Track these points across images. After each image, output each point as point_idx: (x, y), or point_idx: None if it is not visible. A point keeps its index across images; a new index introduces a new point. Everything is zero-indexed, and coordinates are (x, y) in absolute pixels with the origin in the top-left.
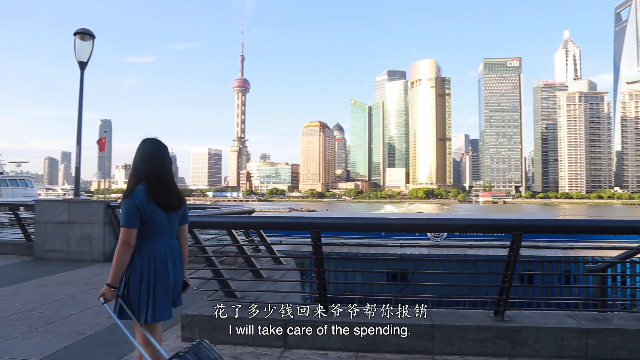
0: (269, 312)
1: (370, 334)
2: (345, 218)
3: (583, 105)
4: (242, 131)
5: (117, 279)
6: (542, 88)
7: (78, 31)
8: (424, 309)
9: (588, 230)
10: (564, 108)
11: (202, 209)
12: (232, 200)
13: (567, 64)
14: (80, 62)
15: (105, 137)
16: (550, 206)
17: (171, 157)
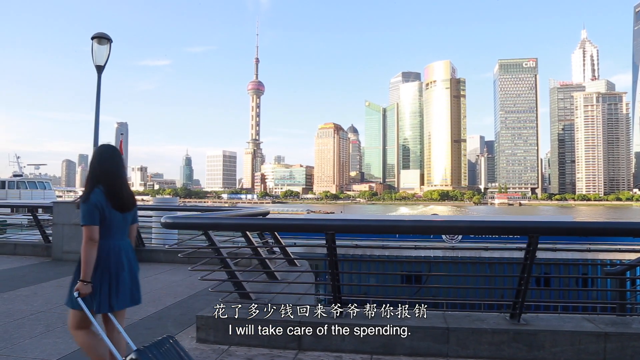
0: (283, 313)
1: (385, 336)
2: (359, 220)
3: (601, 106)
4: (256, 133)
5: (89, 274)
6: (559, 89)
7: (95, 35)
8: (438, 312)
9: (606, 233)
10: (581, 109)
11: (217, 210)
12: (247, 202)
13: (585, 64)
14: (97, 66)
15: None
16: (567, 208)
17: (123, 161)
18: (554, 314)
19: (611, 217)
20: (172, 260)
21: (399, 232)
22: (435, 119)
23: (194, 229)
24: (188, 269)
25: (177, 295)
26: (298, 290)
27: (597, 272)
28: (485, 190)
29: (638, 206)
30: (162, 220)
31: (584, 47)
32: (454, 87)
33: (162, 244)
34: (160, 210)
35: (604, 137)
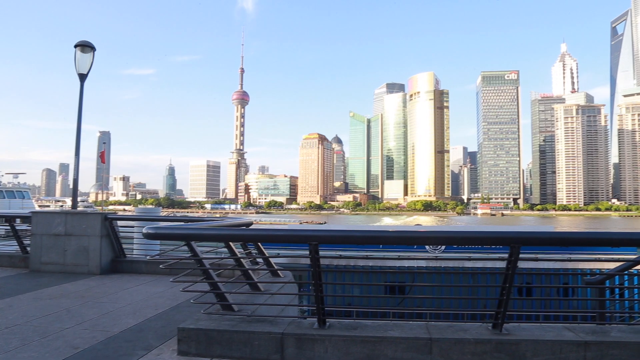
0: (266, 325)
1: (369, 348)
2: (343, 230)
3: (580, 118)
4: (241, 143)
5: None
6: (540, 101)
7: (79, 43)
8: (422, 322)
9: (586, 243)
10: (561, 120)
11: (200, 221)
12: (231, 212)
13: (565, 76)
14: (80, 74)
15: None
16: (548, 218)
17: None
18: (536, 323)
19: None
20: (153, 272)
21: (383, 242)
22: (419, 130)
23: (177, 240)
24: (170, 280)
25: (158, 307)
26: (281, 302)
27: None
28: (468, 201)
29: (617, 216)
30: (144, 231)
31: (564, 60)
32: (438, 98)
33: (144, 255)
34: (142, 221)
35: (583, 148)
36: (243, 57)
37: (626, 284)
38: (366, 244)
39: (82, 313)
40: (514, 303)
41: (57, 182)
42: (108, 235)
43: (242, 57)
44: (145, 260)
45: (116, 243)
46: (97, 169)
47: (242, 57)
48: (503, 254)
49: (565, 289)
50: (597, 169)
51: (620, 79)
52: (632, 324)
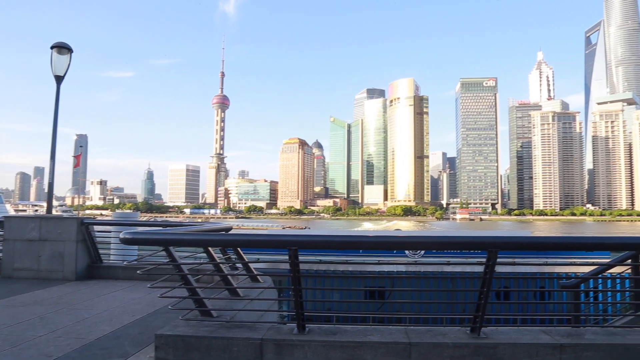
0: (245, 331)
1: (348, 352)
2: (323, 236)
3: (556, 125)
4: (220, 147)
5: None
6: (517, 107)
7: (55, 45)
8: (401, 327)
9: (561, 247)
10: (538, 127)
11: (179, 226)
12: (210, 217)
13: (541, 84)
14: (56, 76)
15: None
16: (525, 223)
17: None
18: (514, 326)
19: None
20: (131, 277)
21: (363, 247)
22: (399, 135)
23: (154, 245)
24: (147, 286)
25: (135, 313)
26: (261, 307)
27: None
28: (448, 206)
29: (591, 221)
30: (121, 236)
31: (540, 68)
32: (418, 104)
33: (121, 260)
34: (119, 225)
35: (559, 154)
36: (224, 61)
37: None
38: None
39: (56, 320)
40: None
41: (31, 185)
42: (84, 241)
43: (223, 61)
44: (122, 265)
45: (93, 248)
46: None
47: (222, 61)
48: (481, 258)
49: (542, 293)
50: (572, 174)
51: (594, 87)
52: (605, 327)
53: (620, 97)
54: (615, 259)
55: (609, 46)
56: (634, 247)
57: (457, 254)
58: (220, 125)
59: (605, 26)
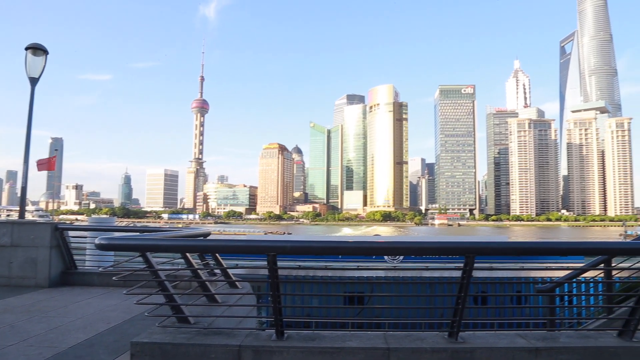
0: (223, 338)
1: (327, 359)
2: (301, 241)
3: (532, 132)
4: (200, 152)
5: None
6: (495, 114)
7: (30, 46)
8: (380, 332)
9: (537, 252)
10: (514, 134)
11: (156, 231)
12: (188, 222)
13: (518, 92)
14: (31, 78)
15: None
16: (502, 228)
17: None
18: (490, 331)
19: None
20: (106, 284)
21: (342, 253)
22: (379, 141)
23: (131, 251)
24: (123, 293)
25: (110, 321)
26: (239, 313)
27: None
28: (426, 211)
29: (566, 226)
30: (96, 242)
31: (517, 76)
32: (397, 110)
33: (97, 267)
34: (95, 231)
35: (535, 161)
36: (203, 65)
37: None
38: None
39: (28, 329)
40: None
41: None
42: (58, 246)
43: (203, 65)
44: (97, 272)
45: (67, 254)
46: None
47: (202, 65)
48: (459, 263)
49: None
50: (547, 181)
51: (569, 95)
52: (579, 330)
53: (593, 106)
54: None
55: (583, 56)
56: (606, 252)
57: (436, 259)
58: (200, 129)
59: (578, 37)
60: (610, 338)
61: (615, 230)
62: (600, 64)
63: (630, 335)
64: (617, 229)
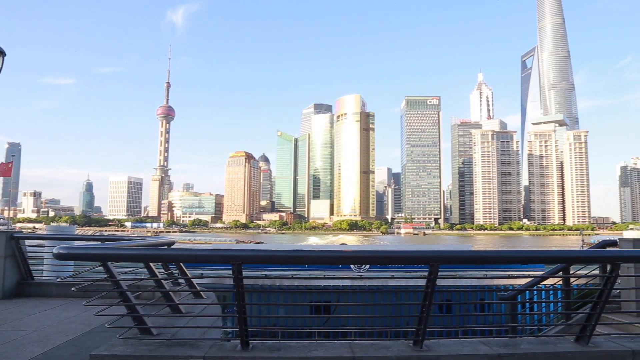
0: (186, 349)
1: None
2: (267, 250)
3: (495, 143)
4: (165, 159)
5: None
6: (459, 126)
7: None
8: (346, 341)
9: (499, 261)
10: (478, 145)
11: (118, 240)
12: (152, 231)
13: (481, 104)
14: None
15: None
16: (466, 237)
17: None
18: (455, 339)
19: (505, 245)
20: (65, 295)
21: (308, 262)
22: (346, 151)
23: (92, 260)
24: (83, 304)
25: (68, 333)
26: (203, 324)
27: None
28: (392, 220)
29: (527, 235)
30: (55, 251)
31: (481, 88)
32: (364, 120)
33: (55, 277)
34: (54, 240)
35: (498, 171)
36: (170, 72)
37: (535, 298)
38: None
39: None
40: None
41: None
42: (14, 256)
43: (169, 71)
44: (55, 282)
45: (23, 264)
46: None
47: (168, 71)
48: (425, 272)
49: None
50: (510, 191)
51: (530, 108)
52: (540, 336)
53: (552, 119)
54: (548, 271)
55: (542, 71)
56: (564, 260)
57: (402, 268)
58: (165, 136)
59: (539, 52)
60: (568, 344)
61: (574, 239)
62: (559, 79)
63: (587, 340)
64: (576, 238)
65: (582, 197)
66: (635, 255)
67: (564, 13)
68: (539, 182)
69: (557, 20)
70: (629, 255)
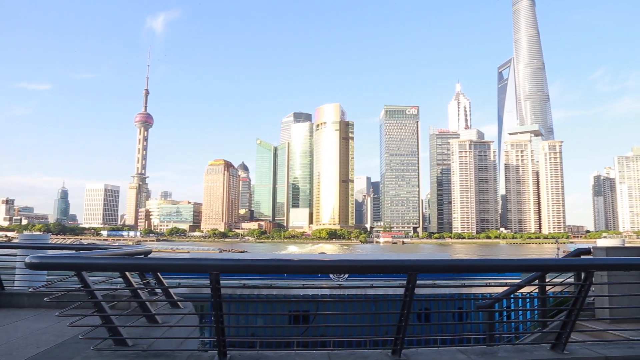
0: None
1: None
2: (246, 260)
3: (473, 153)
4: (142, 167)
5: None
6: (437, 135)
7: None
8: (324, 351)
9: (477, 269)
10: (456, 154)
11: (94, 249)
12: (129, 239)
13: (459, 113)
14: None
15: None
16: (445, 246)
17: None
18: (433, 347)
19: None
20: (37, 305)
21: (287, 271)
22: (325, 160)
23: (66, 270)
24: (56, 315)
25: (40, 345)
26: (180, 334)
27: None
28: (371, 229)
29: (504, 243)
30: (27, 260)
31: (459, 98)
32: (343, 129)
33: (27, 287)
34: (26, 249)
35: (475, 180)
36: (148, 79)
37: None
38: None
39: None
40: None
41: None
42: None
43: (148, 79)
44: (27, 292)
45: None
46: None
47: (147, 78)
48: (403, 280)
49: (460, 313)
50: (487, 200)
51: (506, 118)
52: (516, 344)
53: (528, 129)
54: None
55: (518, 82)
56: (540, 268)
57: (380, 277)
58: (143, 144)
59: (514, 63)
60: (543, 351)
61: (550, 247)
62: (534, 90)
63: (562, 348)
64: (551, 246)
65: (557, 206)
66: (608, 264)
67: (538, 26)
68: (516, 191)
69: (532, 33)
70: (602, 263)
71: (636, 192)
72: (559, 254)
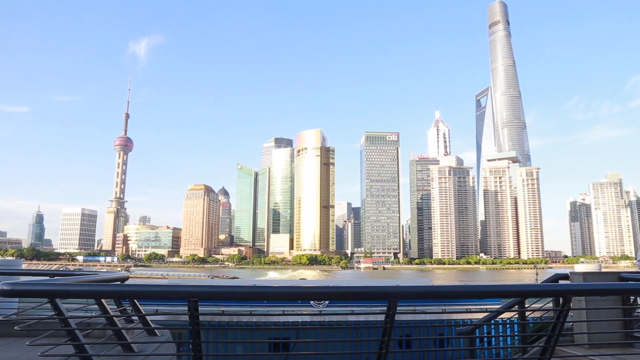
0: None
1: None
2: (225, 286)
3: (452, 179)
4: (121, 191)
5: None
6: (417, 161)
7: None
8: None
9: (457, 295)
10: (436, 180)
11: (68, 275)
12: (106, 265)
13: (439, 140)
14: None
15: None
16: (425, 272)
17: None
18: None
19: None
20: (7, 334)
21: (266, 298)
22: (306, 185)
23: (39, 297)
24: (26, 344)
25: None
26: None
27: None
28: (352, 255)
29: (484, 269)
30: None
31: (438, 125)
32: (324, 155)
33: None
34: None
35: (455, 206)
36: (129, 103)
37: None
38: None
39: None
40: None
41: None
42: None
43: (128, 102)
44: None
45: None
46: None
47: (127, 102)
48: (384, 307)
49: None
50: (467, 225)
51: (485, 145)
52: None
53: (506, 155)
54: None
55: (496, 109)
56: (519, 294)
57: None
58: (122, 168)
59: (492, 91)
60: None
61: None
62: (511, 118)
63: None
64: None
65: (535, 232)
66: (585, 289)
67: (514, 56)
68: (495, 217)
69: (509, 62)
70: (580, 288)
71: (611, 217)
72: (538, 279)
